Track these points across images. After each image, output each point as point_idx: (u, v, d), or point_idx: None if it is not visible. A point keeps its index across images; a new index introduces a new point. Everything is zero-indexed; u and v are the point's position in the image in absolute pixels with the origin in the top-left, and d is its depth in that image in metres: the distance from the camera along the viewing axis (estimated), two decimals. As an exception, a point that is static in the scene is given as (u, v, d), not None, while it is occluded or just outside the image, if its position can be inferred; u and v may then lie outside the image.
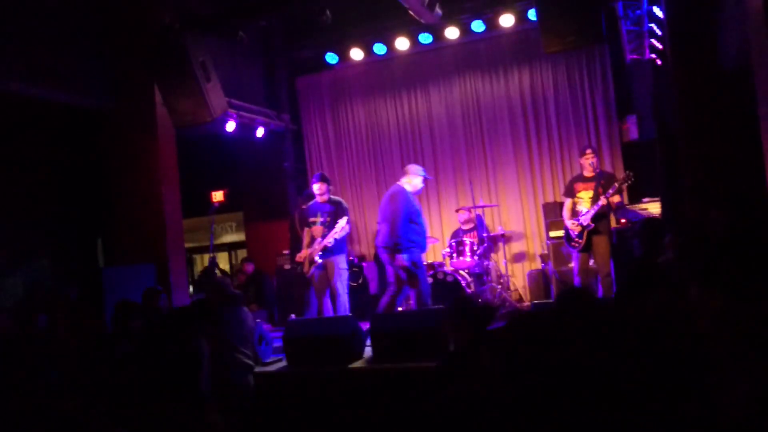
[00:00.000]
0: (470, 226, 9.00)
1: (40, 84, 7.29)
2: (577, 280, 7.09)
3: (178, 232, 8.11)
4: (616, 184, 6.85)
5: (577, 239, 6.99)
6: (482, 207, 8.97)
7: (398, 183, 7.12)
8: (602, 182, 7.00)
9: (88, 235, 8.96)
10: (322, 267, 7.11)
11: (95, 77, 7.93)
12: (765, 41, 3.96)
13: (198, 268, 13.10)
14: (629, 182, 6.85)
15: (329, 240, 6.95)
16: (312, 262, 7.07)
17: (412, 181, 7.05)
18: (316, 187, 7.31)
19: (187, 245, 9.11)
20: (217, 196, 8.45)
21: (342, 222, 6.98)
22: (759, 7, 3.97)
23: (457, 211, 9.36)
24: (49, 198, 8.54)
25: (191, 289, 10.29)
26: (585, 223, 6.91)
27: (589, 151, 7.29)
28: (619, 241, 7.48)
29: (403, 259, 6.75)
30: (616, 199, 6.93)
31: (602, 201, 6.83)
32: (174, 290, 7.67)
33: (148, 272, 7.52)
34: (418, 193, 7.17)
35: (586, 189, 7.11)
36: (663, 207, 7.31)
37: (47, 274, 8.25)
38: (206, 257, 10.47)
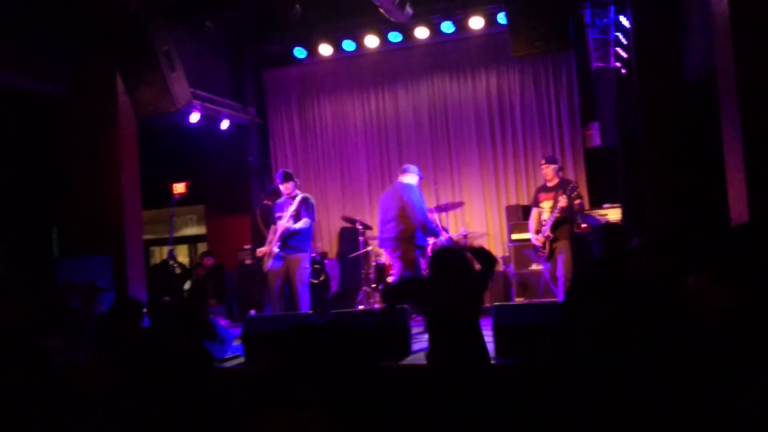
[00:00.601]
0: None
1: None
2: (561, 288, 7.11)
3: (136, 223, 7.95)
4: (564, 196, 6.88)
5: (542, 249, 7.06)
6: (446, 210, 8.93)
7: (400, 181, 6.98)
8: (561, 191, 7.05)
9: (43, 224, 8.73)
10: (282, 260, 6.96)
11: (56, 63, 7.71)
12: (730, 51, 4.02)
13: (157, 260, 12.87)
14: (575, 193, 6.96)
15: (284, 225, 6.81)
16: (270, 255, 6.96)
17: (412, 179, 6.96)
18: (283, 188, 7.12)
19: (146, 237, 8.93)
20: (179, 187, 8.27)
21: (294, 204, 6.86)
22: (725, 17, 4.03)
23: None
24: (2, 184, 8.29)
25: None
26: (546, 233, 6.97)
27: (542, 161, 7.36)
28: (578, 246, 7.54)
29: (419, 252, 6.72)
30: (577, 201, 7.02)
31: (561, 203, 6.87)
32: (130, 283, 7.52)
33: (104, 264, 7.33)
34: None
35: (547, 198, 7.16)
36: (624, 213, 7.41)
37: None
38: (165, 250, 10.28)
